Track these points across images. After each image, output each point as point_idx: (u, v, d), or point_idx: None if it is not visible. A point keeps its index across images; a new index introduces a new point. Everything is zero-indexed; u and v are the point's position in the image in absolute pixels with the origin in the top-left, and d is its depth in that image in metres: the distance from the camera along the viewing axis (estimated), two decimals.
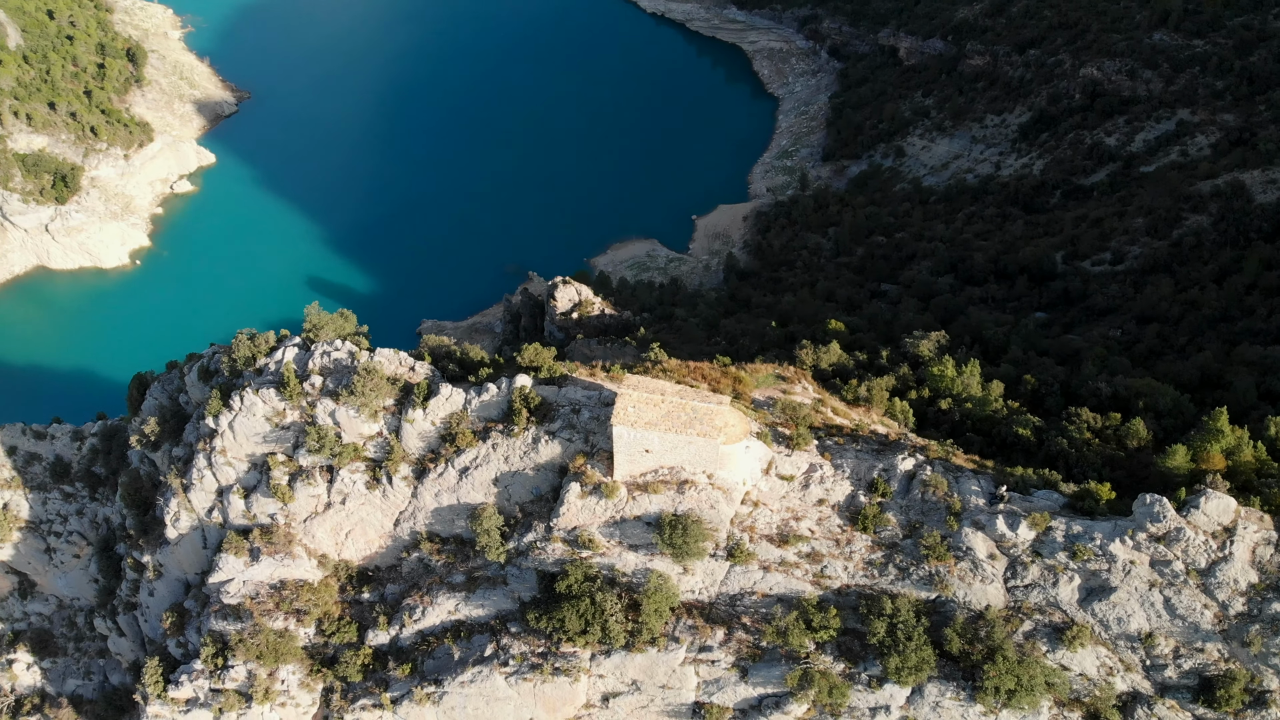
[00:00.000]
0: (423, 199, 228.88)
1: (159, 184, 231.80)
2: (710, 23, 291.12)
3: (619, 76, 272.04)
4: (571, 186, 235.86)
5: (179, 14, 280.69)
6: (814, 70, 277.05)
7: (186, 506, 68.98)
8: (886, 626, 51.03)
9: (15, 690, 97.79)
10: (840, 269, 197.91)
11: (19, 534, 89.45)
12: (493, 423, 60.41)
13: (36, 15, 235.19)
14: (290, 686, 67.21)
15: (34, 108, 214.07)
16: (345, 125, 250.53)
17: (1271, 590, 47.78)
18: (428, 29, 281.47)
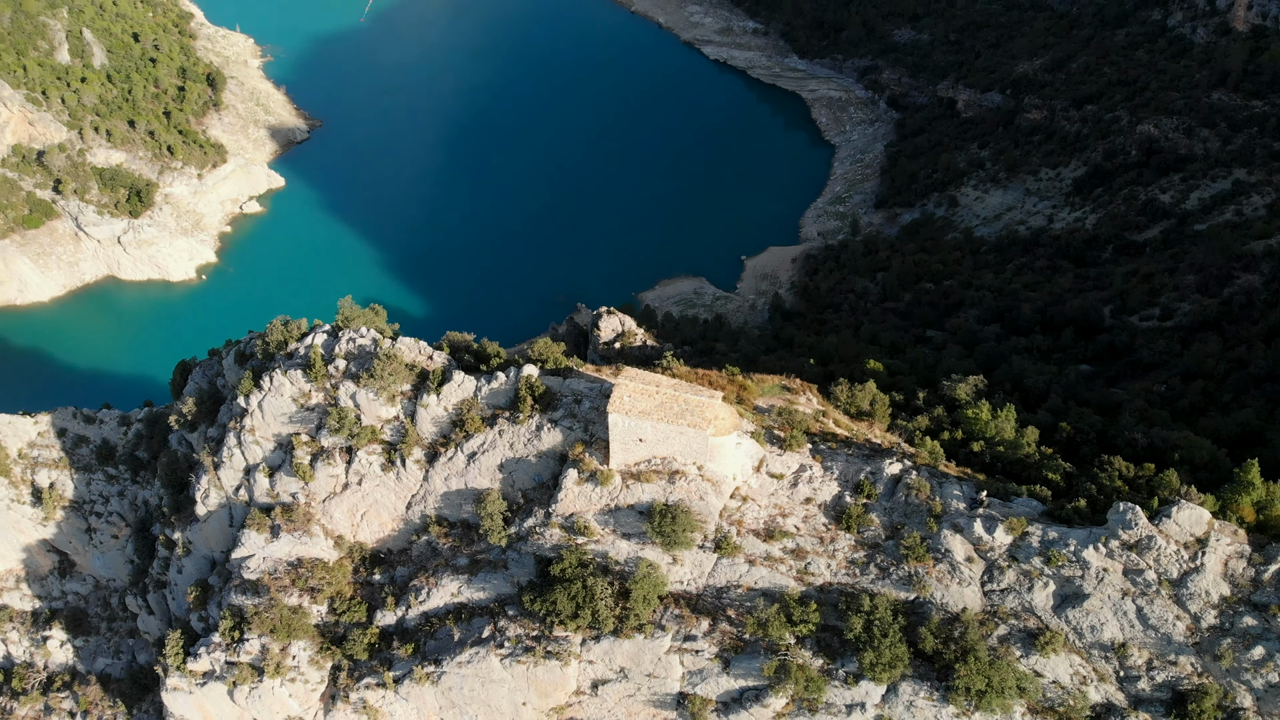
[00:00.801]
0: (479, 228, 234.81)
1: (229, 203, 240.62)
2: (771, 71, 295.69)
3: (680, 119, 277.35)
4: (625, 222, 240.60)
5: (260, 43, 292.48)
6: (872, 120, 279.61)
7: (216, 484, 72.75)
8: (863, 623, 52.41)
9: (48, 667, 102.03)
10: (886, 313, 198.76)
11: (62, 513, 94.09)
12: (500, 410, 63.36)
13: (122, 37, 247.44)
14: (300, 663, 70.08)
15: (114, 124, 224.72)
16: (409, 155, 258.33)
17: (1243, 604, 48.33)
18: (494, 67, 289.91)
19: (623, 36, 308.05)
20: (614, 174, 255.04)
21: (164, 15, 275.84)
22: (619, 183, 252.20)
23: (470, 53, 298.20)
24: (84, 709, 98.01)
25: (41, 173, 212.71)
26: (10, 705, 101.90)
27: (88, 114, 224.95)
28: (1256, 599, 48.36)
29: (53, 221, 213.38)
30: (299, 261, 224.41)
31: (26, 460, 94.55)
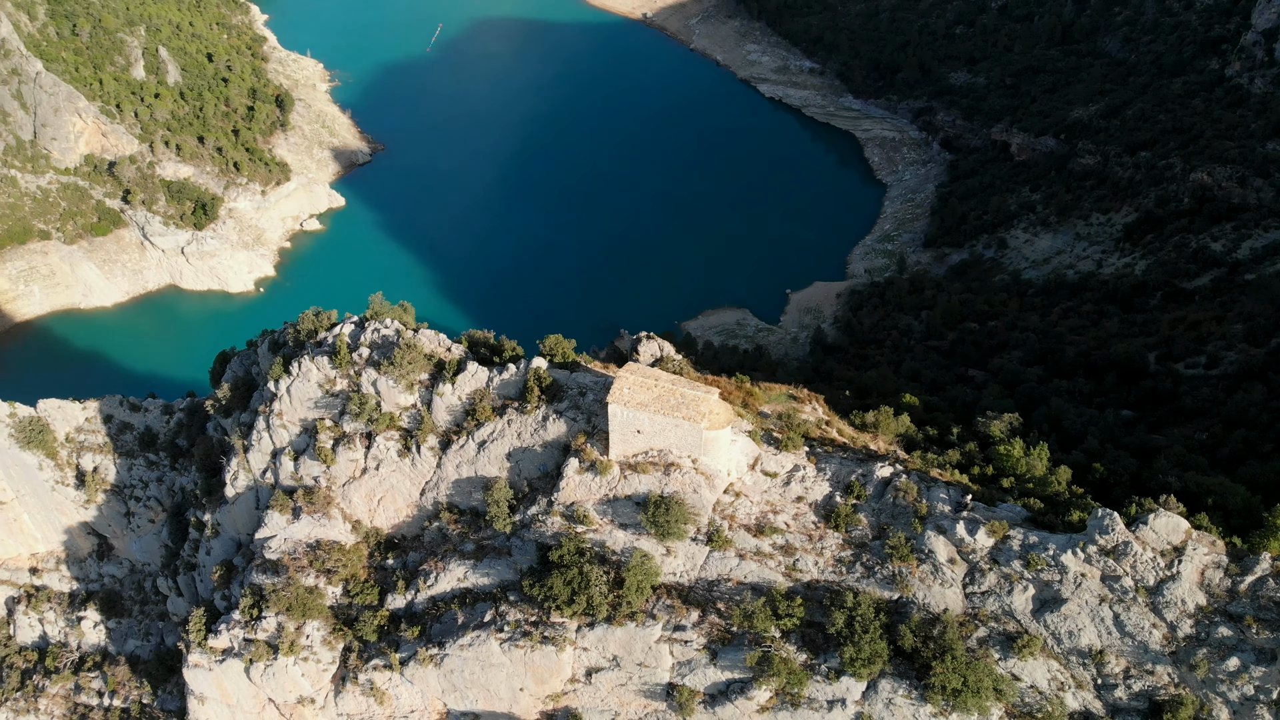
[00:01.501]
0: (530, 254, 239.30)
1: (290, 220, 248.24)
2: (826, 109, 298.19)
3: (734, 155, 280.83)
4: (673, 253, 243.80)
5: (329, 68, 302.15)
6: (924, 160, 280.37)
7: (245, 467, 76.15)
8: (845, 618, 53.63)
9: (80, 647, 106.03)
10: (929, 351, 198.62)
11: (103, 496, 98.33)
12: (510, 400, 65.90)
13: (197, 57, 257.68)
14: (314, 642, 72.76)
15: (184, 140, 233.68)
16: (466, 181, 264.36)
17: (1219, 614, 48.72)
18: (554, 99, 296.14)
19: (680, 72, 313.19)
20: (666, 206, 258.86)
21: (238, 38, 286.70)
22: (670, 214, 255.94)
23: (531, 85, 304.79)
24: (111, 688, 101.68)
25: (112, 183, 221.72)
26: (43, 683, 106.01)
27: (159, 128, 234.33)
28: (1232, 609, 48.74)
29: (120, 230, 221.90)
30: (354, 279, 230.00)
31: (73, 444, 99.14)
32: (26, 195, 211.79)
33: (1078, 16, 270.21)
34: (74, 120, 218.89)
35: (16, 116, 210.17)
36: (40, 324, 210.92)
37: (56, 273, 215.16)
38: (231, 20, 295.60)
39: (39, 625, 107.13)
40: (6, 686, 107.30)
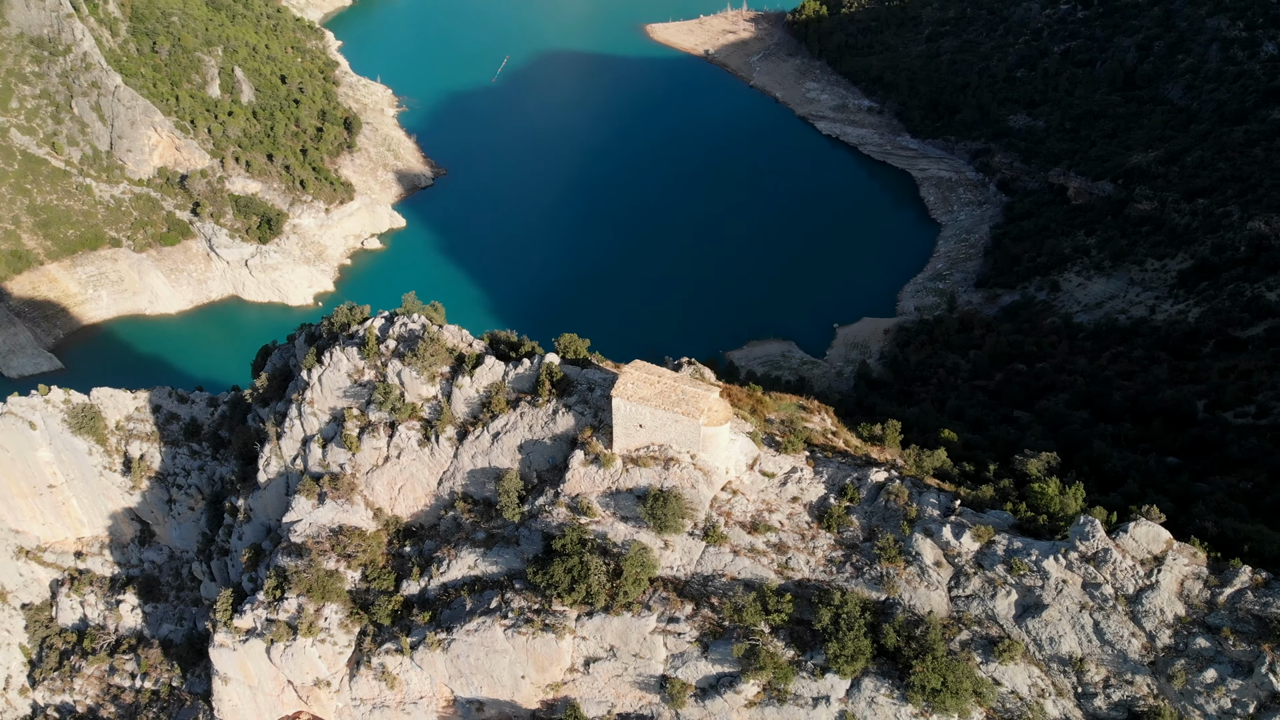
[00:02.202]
0: (584, 281, 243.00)
1: (351, 238, 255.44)
2: (883, 148, 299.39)
3: (789, 189, 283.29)
4: (722, 283, 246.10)
5: (397, 94, 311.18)
6: (980, 201, 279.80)
7: (277, 454, 79.60)
8: (831, 615, 54.84)
9: (117, 630, 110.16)
10: (975, 391, 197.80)
11: (147, 483, 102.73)
12: (524, 394, 68.47)
13: (271, 78, 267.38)
14: (332, 625, 75.49)
15: (254, 157, 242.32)
16: (524, 208, 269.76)
17: (1198, 625, 49.04)
18: (613, 130, 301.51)
19: (739, 108, 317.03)
20: (718, 236, 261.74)
21: (312, 62, 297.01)
22: (722, 245, 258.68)
23: (593, 116, 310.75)
24: (144, 671, 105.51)
25: (182, 195, 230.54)
26: (79, 664, 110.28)
27: (230, 145, 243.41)
28: (1211, 621, 49.07)
29: (188, 241, 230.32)
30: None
31: (122, 432, 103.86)
32: (100, 204, 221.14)
33: (1140, 63, 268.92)
34: (149, 134, 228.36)
35: (94, 128, 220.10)
36: (106, 327, 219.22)
37: (125, 279, 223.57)
38: (306, 44, 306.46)
39: (80, 608, 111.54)
40: (44, 666, 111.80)
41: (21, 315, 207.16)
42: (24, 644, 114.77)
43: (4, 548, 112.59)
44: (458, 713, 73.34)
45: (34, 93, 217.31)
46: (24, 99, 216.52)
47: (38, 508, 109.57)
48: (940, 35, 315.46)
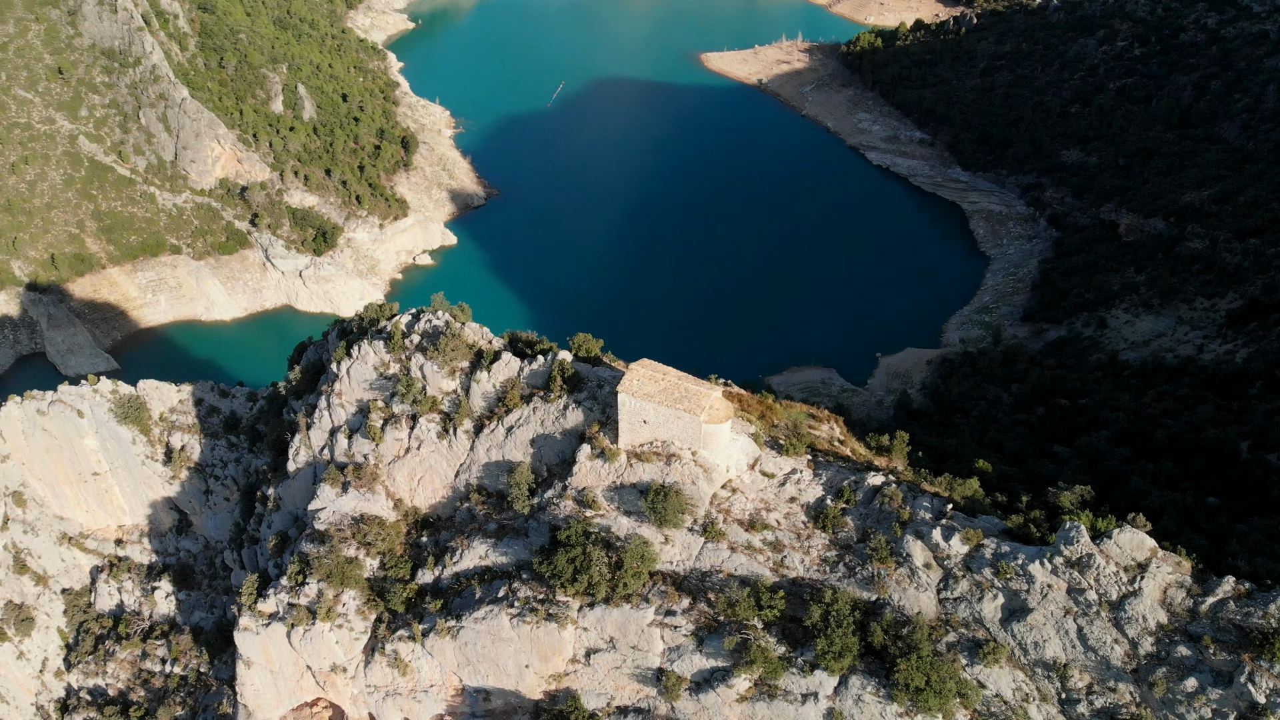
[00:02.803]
0: (628, 301, 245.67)
1: (403, 254, 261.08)
2: (933, 180, 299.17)
3: (836, 218, 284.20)
4: (766, 308, 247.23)
5: (455, 116, 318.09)
6: (1030, 236, 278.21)
7: (306, 444, 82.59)
8: (822, 612, 55.92)
9: (151, 616, 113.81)
10: (1016, 424, 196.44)
11: (187, 473, 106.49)
12: (537, 390, 70.65)
13: (333, 96, 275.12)
14: (349, 611, 77.94)
15: (312, 171, 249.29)
16: (574, 230, 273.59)
17: (1179, 633, 49.30)
18: (664, 155, 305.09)
19: (790, 136, 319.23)
20: (765, 262, 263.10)
21: (373, 82, 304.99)
22: (768, 271, 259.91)
23: (645, 141, 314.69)
24: (174, 656, 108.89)
25: (242, 206, 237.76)
26: (113, 649, 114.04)
27: (290, 159, 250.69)
28: (1193, 629, 49.30)
29: (245, 250, 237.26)
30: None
31: (166, 423, 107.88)
32: (163, 211, 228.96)
33: (1196, 101, 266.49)
34: (213, 145, 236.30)
35: (160, 138, 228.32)
36: (163, 331, 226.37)
37: (183, 285, 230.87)
38: (368, 65, 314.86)
39: (117, 594, 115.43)
40: (80, 650, 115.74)
41: (82, 316, 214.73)
42: (62, 628, 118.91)
43: (48, 534, 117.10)
44: (465, 702, 75.20)
45: (103, 102, 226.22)
46: (93, 108, 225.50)
47: (82, 495, 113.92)
48: (995, 69, 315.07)
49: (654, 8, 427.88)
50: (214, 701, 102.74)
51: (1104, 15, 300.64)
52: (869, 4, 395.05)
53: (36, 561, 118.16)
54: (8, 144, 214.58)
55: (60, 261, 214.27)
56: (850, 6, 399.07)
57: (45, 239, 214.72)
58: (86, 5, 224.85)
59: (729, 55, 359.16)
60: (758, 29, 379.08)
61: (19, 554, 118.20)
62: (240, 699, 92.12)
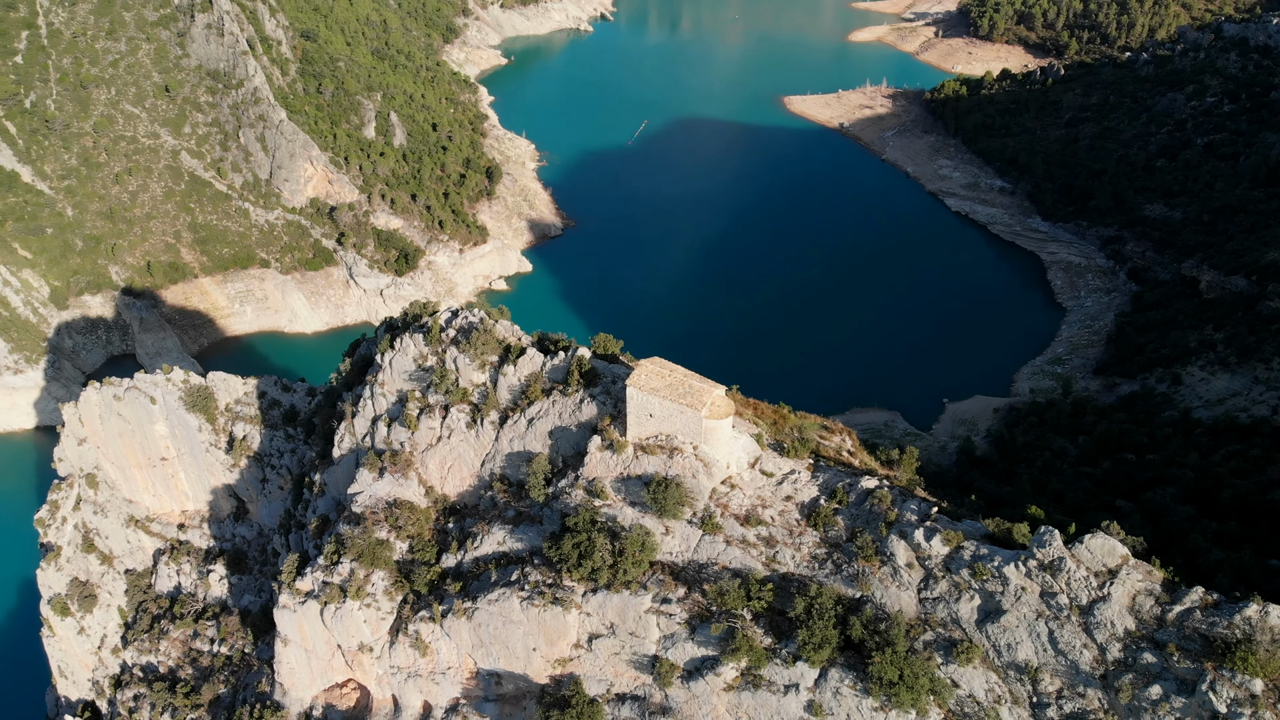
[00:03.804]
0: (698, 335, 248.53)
1: (480, 278, 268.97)
2: (1012, 229, 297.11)
3: (912, 261, 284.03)
4: (835, 347, 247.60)
5: (539, 149, 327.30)
6: (1108, 289, 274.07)
7: (351, 431, 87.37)
8: (805, 605, 57.80)
9: (205, 598, 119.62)
10: (1080, 476, 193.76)
11: (246, 461, 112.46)
12: (557, 384, 74.13)
13: (423, 125, 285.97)
14: (377, 591, 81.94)
15: (399, 195, 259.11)
16: (647, 262, 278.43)
17: (1146, 640, 49.94)
18: (742, 193, 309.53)
19: (869, 179, 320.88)
20: (837, 302, 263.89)
21: (463, 113, 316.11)
22: (840, 311, 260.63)
23: (724, 180, 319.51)
24: (222, 636, 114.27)
25: (329, 225, 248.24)
26: (167, 628, 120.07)
27: (379, 183, 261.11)
28: (1159, 637, 49.92)
29: (330, 268, 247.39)
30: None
31: (230, 414, 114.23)
32: (255, 227, 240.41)
33: None
34: (306, 166, 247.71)
35: (257, 157, 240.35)
36: (246, 340, 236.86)
37: (269, 298, 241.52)
38: (460, 97, 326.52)
39: (175, 576, 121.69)
40: (137, 628, 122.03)
41: (172, 322, 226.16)
42: (122, 607, 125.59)
43: (116, 515, 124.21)
44: (479, 685, 78.36)
45: (206, 121, 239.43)
46: (196, 125, 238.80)
47: (150, 479, 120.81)
48: (1081, 121, 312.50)
49: (742, 51, 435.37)
50: (254, 681, 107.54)
51: (1194, 70, 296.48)
52: (957, 52, 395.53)
53: (104, 542, 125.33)
54: (114, 156, 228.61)
55: (155, 269, 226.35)
56: (938, 54, 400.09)
57: (143, 247, 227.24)
58: (195, 28, 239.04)
59: (811, 99, 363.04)
60: (843, 74, 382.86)
61: (88, 533, 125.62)
62: (277, 677, 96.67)
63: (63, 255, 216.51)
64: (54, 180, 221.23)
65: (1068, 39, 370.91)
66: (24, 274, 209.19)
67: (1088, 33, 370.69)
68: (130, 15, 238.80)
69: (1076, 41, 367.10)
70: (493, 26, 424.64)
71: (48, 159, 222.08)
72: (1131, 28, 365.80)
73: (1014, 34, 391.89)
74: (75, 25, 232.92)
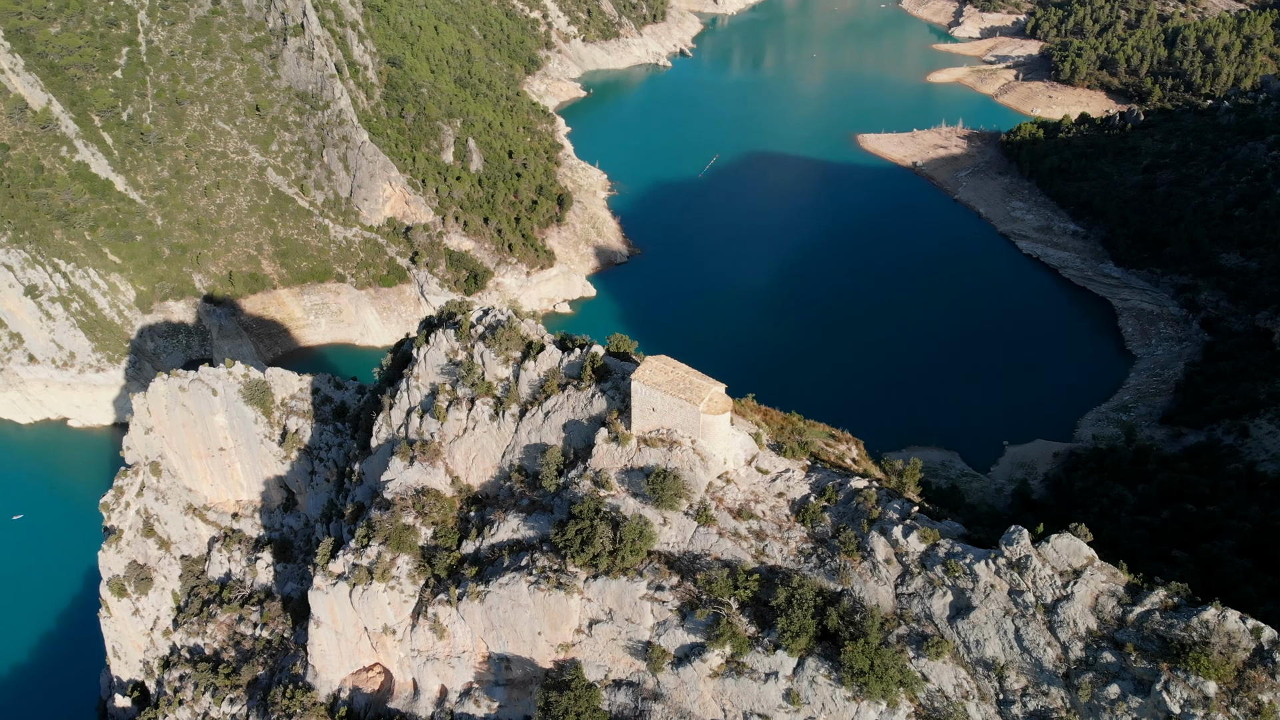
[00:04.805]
0: (755, 365, 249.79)
1: (545, 300, 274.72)
2: (1084, 273, 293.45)
3: (978, 301, 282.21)
4: (895, 384, 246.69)
5: (611, 179, 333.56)
6: (1180, 338, 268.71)
7: (387, 422, 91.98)
8: (787, 595, 59.87)
9: (252, 585, 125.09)
10: (1137, 525, 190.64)
11: (297, 454, 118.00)
12: (573, 379, 77.53)
13: (500, 152, 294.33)
14: (402, 574, 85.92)
15: (471, 218, 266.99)
16: (710, 291, 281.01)
17: (1107, 640, 50.88)
18: (809, 228, 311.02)
19: (940, 218, 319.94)
20: (901, 339, 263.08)
21: (539, 142, 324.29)
22: (903, 348, 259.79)
23: (789, 212, 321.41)
24: (264, 621, 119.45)
25: (404, 244, 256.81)
26: (215, 612, 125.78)
27: (453, 205, 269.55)
28: (1119, 637, 50.84)
29: (402, 285, 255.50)
30: None
31: (285, 408, 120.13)
32: (333, 243, 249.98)
33: None
34: (385, 187, 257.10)
35: (339, 176, 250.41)
36: (319, 351, 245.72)
37: (343, 311, 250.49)
38: (537, 127, 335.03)
39: (227, 563, 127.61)
40: (188, 612, 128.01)
41: (249, 330, 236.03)
42: (176, 591, 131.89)
43: (177, 503, 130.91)
44: (490, 670, 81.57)
45: (292, 140, 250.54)
46: (283, 144, 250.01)
47: (209, 469, 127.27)
48: (1159, 167, 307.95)
49: (820, 90, 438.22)
50: (290, 663, 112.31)
51: (1276, 120, 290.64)
52: (1037, 96, 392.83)
53: (163, 527, 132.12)
54: (204, 169, 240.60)
55: (236, 278, 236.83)
56: (1017, 97, 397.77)
57: (226, 257, 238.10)
58: (287, 51, 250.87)
59: (885, 137, 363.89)
60: (920, 114, 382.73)
61: (149, 519, 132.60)
62: (309, 659, 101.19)
63: (150, 262, 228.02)
64: (146, 190, 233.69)
65: (1151, 85, 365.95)
66: (112, 278, 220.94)
67: (1171, 80, 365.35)
68: (226, 36, 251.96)
69: (1160, 88, 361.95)
70: (574, 60, 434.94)
71: (141, 170, 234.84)
72: (1217, 76, 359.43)
73: (1096, 79, 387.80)
74: (174, 44, 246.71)
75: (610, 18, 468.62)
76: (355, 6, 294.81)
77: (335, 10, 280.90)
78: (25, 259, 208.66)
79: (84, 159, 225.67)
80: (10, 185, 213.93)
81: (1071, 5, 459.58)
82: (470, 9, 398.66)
